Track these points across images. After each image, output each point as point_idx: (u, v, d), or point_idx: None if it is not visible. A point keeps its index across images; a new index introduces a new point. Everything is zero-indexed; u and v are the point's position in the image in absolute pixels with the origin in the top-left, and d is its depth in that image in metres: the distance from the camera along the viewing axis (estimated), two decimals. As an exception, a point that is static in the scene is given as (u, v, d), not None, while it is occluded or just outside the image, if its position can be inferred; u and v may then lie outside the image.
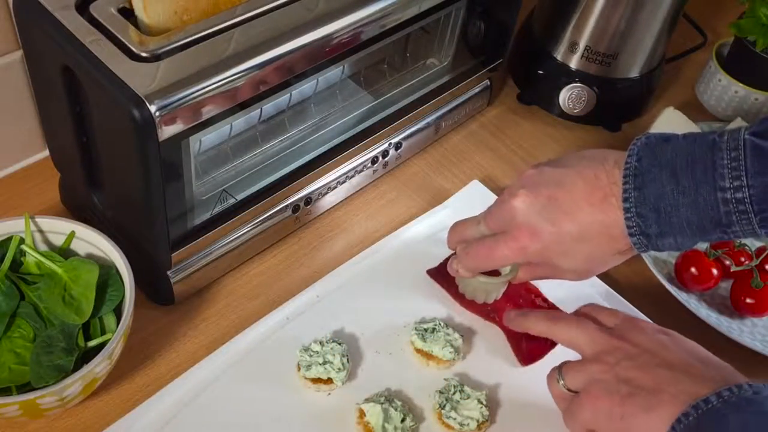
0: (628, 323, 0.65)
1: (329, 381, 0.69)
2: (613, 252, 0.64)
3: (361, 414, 0.66)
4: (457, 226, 0.73)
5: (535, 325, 0.69)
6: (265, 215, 0.77)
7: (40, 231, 0.70)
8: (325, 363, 0.68)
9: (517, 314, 0.71)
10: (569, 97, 0.97)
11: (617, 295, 0.79)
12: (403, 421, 0.66)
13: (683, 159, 0.59)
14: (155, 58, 0.60)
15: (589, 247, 0.64)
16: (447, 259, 0.79)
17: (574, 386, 0.62)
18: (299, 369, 0.69)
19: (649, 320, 0.73)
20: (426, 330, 0.72)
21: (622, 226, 0.61)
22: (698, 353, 0.61)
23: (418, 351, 0.72)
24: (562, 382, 0.63)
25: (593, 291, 0.79)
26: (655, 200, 0.59)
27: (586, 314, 0.68)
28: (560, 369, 0.64)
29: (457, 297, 0.77)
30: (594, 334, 0.64)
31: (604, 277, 0.81)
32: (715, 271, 0.80)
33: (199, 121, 0.60)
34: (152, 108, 0.56)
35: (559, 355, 0.68)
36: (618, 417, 0.57)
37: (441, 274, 0.78)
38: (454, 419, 0.67)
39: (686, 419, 0.53)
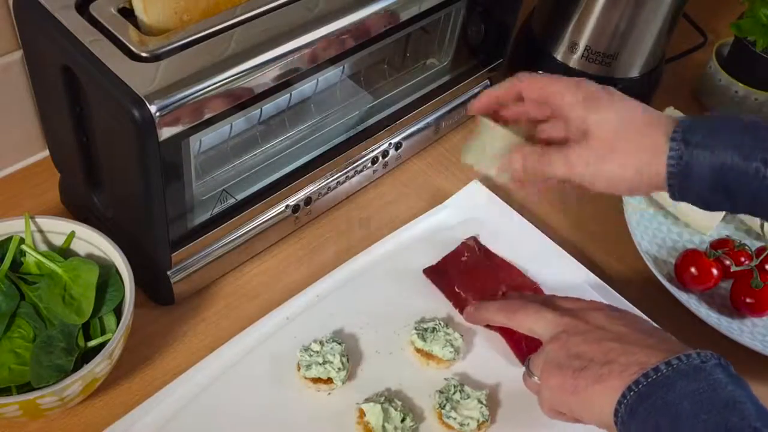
0: (584, 305, 0.66)
1: (329, 381, 0.69)
2: (643, 135, 0.61)
3: (361, 414, 0.66)
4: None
5: (494, 317, 0.70)
6: (265, 215, 0.77)
7: (40, 231, 0.70)
8: (325, 363, 0.68)
9: (475, 307, 0.71)
10: (569, 97, 0.97)
11: (617, 294, 0.79)
12: (403, 421, 0.66)
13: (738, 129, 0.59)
14: (155, 58, 0.60)
15: (627, 113, 0.63)
16: (443, 259, 0.80)
17: (537, 372, 0.63)
18: (299, 369, 0.69)
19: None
20: (426, 330, 0.72)
21: (665, 123, 0.61)
22: (648, 328, 0.62)
23: (418, 351, 0.72)
24: (532, 376, 0.64)
25: (595, 293, 0.79)
26: (709, 120, 0.60)
27: (546, 301, 0.68)
28: (528, 365, 0.65)
29: (452, 297, 0.77)
30: (549, 317, 0.64)
31: (604, 276, 0.81)
32: (715, 271, 0.80)
33: (199, 121, 0.60)
34: (152, 108, 0.56)
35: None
36: (571, 390, 0.58)
37: (437, 274, 0.78)
38: (454, 419, 0.67)
39: (636, 387, 0.54)
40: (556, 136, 0.67)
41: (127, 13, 0.63)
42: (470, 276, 0.78)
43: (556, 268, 0.81)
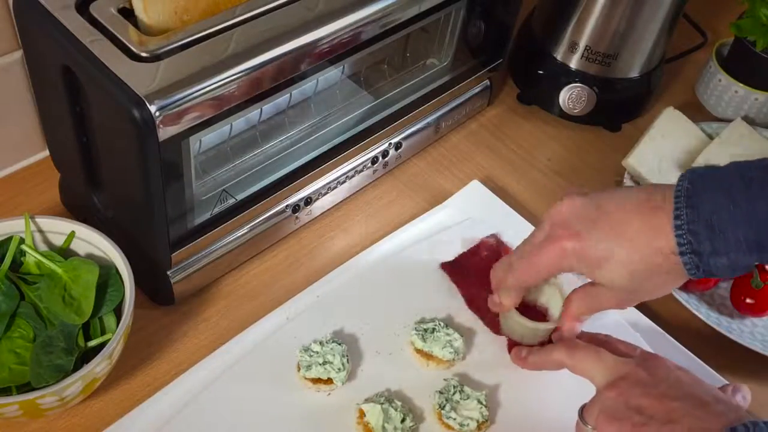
0: (645, 355, 0.64)
1: (329, 381, 0.69)
2: (660, 271, 0.59)
3: (361, 414, 0.66)
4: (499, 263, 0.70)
5: (553, 358, 0.67)
6: (265, 215, 0.77)
7: (40, 231, 0.70)
8: (325, 363, 0.68)
9: (530, 353, 0.70)
10: (569, 97, 0.97)
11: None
12: (403, 421, 0.66)
13: (737, 178, 0.57)
14: (155, 58, 0.60)
15: (633, 256, 0.59)
16: (463, 255, 0.80)
17: (592, 421, 0.61)
18: (299, 369, 0.69)
19: (659, 356, 0.71)
20: (426, 330, 0.72)
21: (672, 244, 0.57)
22: (712, 391, 0.60)
23: (418, 351, 0.72)
24: (586, 425, 0.61)
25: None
26: (709, 216, 0.56)
27: (602, 342, 0.66)
28: (581, 413, 0.63)
29: (468, 293, 0.77)
30: (610, 362, 0.62)
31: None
32: (715, 271, 0.80)
33: (199, 121, 0.60)
34: (152, 108, 0.56)
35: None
36: None
37: (455, 268, 0.79)
38: (454, 419, 0.67)
39: None
40: None
41: (127, 13, 0.63)
42: (488, 273, 0.78)
43: (556, 268, 0.81)
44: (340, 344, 0.70)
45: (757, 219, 0.55)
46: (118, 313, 0.68)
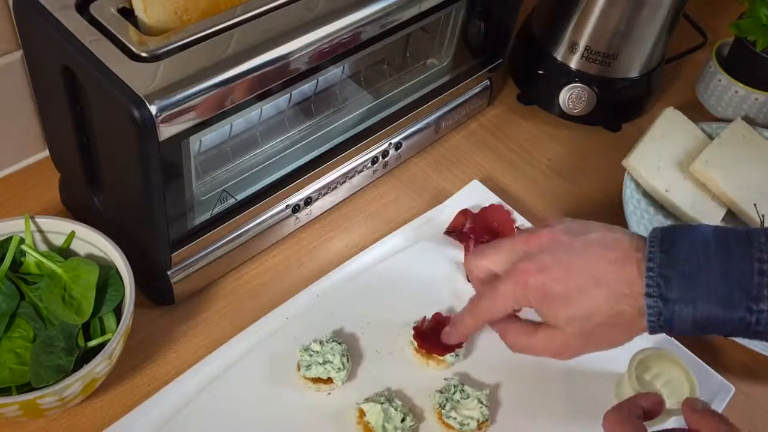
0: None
1: (329, 381, 0.69)
2: (619, 319, 0.57)
3: (361, 414, 0.66)
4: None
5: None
6: (265, 215, 0.77)
7: (40, 231, 0.70)
8: (325, 363, 0.68)
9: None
10: (569, 97, 0.97)
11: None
12: (403, 421, 0.66)
13: (714, 233, 0.56)
14: (155, 58, 0.60)
15: (595, 297, 0.57)
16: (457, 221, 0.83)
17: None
18: (299, 369, 0.69)
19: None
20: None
21: (640, 288, 0.56)
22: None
23: (418, 351, 0.72)
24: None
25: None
26: (682, 263, 0.55)
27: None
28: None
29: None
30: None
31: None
32: (715, 271, 0.80)
33: (199, 121, 0.60)
34: (152, 108, 0.56)
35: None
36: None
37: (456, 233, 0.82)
38: (454, 419, 0.67)
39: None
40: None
41: (127, 13, 0.63)
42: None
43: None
44: (340, 344, 0.70)
45: (731, 273, 0.54)
46: (118, 313, 0.68)
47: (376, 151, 0.86)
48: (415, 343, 0.72)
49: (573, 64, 0.96)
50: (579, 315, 0.58)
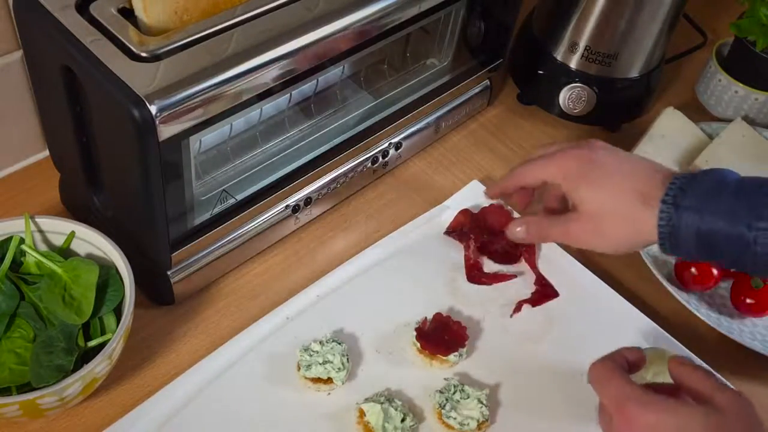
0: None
1: (329, 381, 0.69)
2: (632, 216, 0.64)
3: (361, 414, 0.66)
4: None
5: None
6: (265, 215, 0.77)
7: (40, 231, 0.70)
8: (325, 363, 0.68)
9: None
10: (569, 97, 0.97)
11: (617, 294, 0.79)
12: (403, 420, 0.66)
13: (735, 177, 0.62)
14: (155, 58, 0.60)
15: (619, 184, 0.65)
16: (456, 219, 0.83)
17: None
18: (299, 369, 0.69)
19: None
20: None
21: (659, 193, 0.62)
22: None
23: (421, 352, 0.72)
24: None
25: (594, 292, 0.79)
26: (703, 183, 0.61)
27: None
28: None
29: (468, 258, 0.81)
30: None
31: (603, 276, 0.81)
32: (715, 271, 0.80)
33: (199, 121, 0.60)
34: (152, 108, 0.56)
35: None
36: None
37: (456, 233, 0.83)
38: (455, 419, 0.67)
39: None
40: (555, 207, 0.74)
41: (127, 13, 0.63)
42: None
43: (555, 267, 0.81)
44: (340, 344, 0.70)
45: (741, 194, 0.60)
46: (118, 313, 0.68)
47: (376, 151, 0.86)
48: (418, 344, 0.72)
49: (573, 64, 0.96)
50: (599, 197, 0.65)
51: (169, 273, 0.72)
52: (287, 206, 0.79)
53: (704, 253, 0.62)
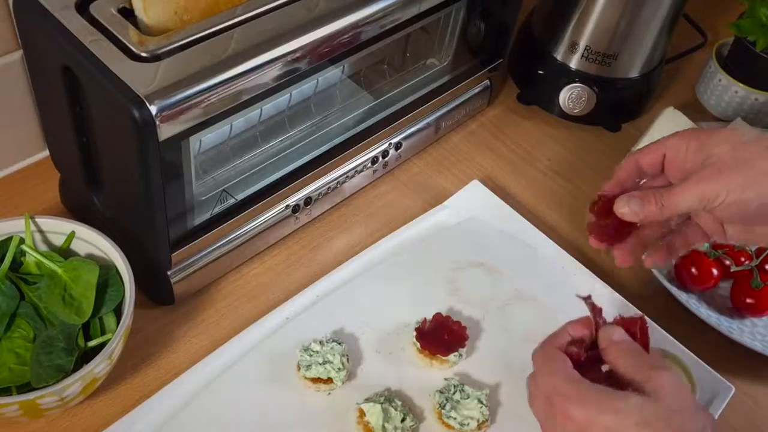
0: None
1: (329, 381, 0.69)
2: None
3: (361, 414, 0.66)
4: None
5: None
6: (265, 215, 0.77)
7: (40, 231, 0.70)
8: (325, 363, 0.68)
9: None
10: (569, 97, 0.97)
11: (617, 294, 0.79)
12: (403, 421, 0.66)
13: None
14: (155, 58, 0.60)
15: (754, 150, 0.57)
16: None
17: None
18: (299, 369, 0.69)
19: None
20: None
21: None
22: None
23: (421, 352, 0.72)
24: None
25: (595, 293, 0.79)
26: None
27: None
28: None
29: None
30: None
31: (604, 276, 0.81)
32: (715, 271, 0.80)
33: (199, 121, 0.60)
34: (152, 108, 0.56)
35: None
36: None
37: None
38: (455, 419, 0.67)
39: None
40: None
41: (127, 13, 0.63)
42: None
43: (555, 268, 0.81)
44: (340, 344, 0.70)
45: None
46: (118, 313, 0.68)
47: (376, 151, 0.86)
48: (418, 344, 0.72)
49: (573, 64, 0.96)
50: (740, 144, 0.57)
51: (169, 273, 0.72)
52: (287, 206, 0.79)
53: None
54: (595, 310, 0.61)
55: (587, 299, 0.61)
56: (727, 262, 0.82)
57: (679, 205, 0.59)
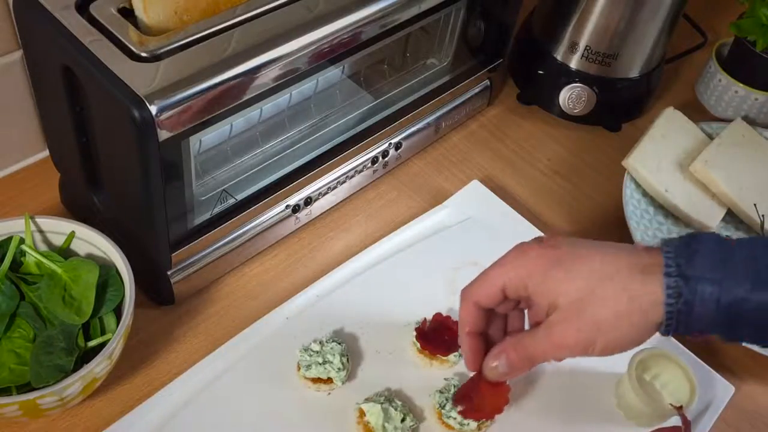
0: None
1: (329, 381, 0.69)
2: (629, 299, 0.51)
3: (361, 414, 0.66)
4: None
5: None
6: (265, 215, 0.77)
7: (40, 231, 0.70)
8: (325, 363, 0.68)
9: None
10: (569, 97, 0.97)
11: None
12: (403, 420, 0.66)
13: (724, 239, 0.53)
14: (155, 58, 0.60)
15: (603, 263, 0.53)
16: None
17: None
18: (299, 369, 0.69)
19: None
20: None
21: (657, 264, 0.51)
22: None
23: (421, 352, 0.72)
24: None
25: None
26: (703, 249, 0.51)
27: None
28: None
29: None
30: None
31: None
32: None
33: (199, 121, 0.60)
34: (152, 108, 0.56)
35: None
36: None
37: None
38: (454, 419, 0.67)
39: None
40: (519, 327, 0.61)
41: (127, 13, 0.63)
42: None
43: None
44: (339, 344, 0.70)
45: (757, 256, 0.50)
46: (118, 313, 0.68)
47: (376, 151, 0.86)
48: (418, 344, 0.72)
49: (573, 64, 0.96)
50: (577, 284, 0.52)
51: (169, 273, 0.72)
52: (287, 206, 0.79)
53: (723, 328, 0.51)
54: (686, 423, 0.66)
55: (680, 409, 0.66)
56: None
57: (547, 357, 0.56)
